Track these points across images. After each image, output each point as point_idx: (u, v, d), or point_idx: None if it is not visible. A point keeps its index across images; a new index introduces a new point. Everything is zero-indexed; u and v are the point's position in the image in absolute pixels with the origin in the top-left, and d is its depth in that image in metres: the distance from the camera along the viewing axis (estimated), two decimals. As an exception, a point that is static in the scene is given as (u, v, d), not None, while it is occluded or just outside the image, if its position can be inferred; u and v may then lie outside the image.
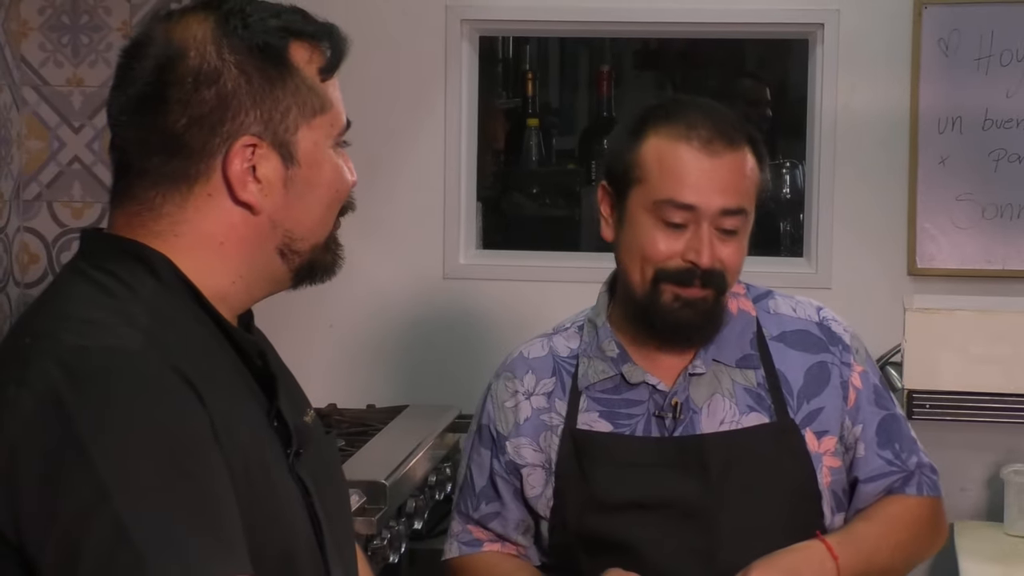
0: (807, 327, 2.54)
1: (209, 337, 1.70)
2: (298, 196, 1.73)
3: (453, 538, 2.64)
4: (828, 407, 2.49)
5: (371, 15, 4.17)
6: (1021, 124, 3.99)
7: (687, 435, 2.45)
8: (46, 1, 3.76)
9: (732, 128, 2.46)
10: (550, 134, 5.84)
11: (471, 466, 2.62)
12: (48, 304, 1.69)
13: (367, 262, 4.22)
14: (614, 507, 2.45)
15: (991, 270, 4.03)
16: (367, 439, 3.61)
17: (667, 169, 2.41)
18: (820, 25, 4.07)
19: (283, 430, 1.75)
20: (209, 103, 1.68)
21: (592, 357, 2.53)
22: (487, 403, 2.62)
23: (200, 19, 1.71)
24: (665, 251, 2.41)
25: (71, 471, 1.51)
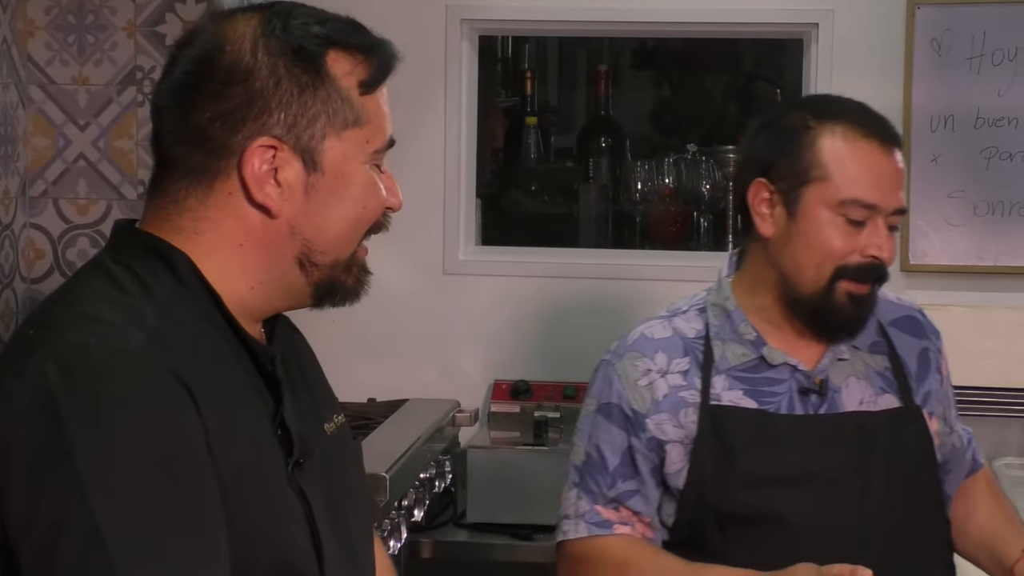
0: (912, 314, 2.66)
1: (221, 340, 1.70)
2: (320, 204, 1.72)
3: (578, 518, 2.59)
4: (933, 390, 2.61)
5: (372, 15, 4.15)
6: (1012, 123, 4.00)
7: (833, 412, 2.52)
8: (52, 1, 3.77)
9: (892, 127, 2.54)
10: (548, 132, 5.84)
11: (599, 445, 2.59)
12: (63, 297, 1.69)
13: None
14: (761, 481, 2.49)
15: (983, 266, 4.05)
16: (368, 432, 3.62)
17: (851, 169, 2.45)
18: (815, 25, 4.09)
19: (286, 439, 1.73)
20: (235, 100, 1.67)
21: (727, 341, 2.56)
22: (614, 383, 2.59)
23: (247, 18, 1.71)
24: (845, 248, 2.45)
25: (54, 470, 1.51)
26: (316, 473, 1.77)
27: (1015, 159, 4.01)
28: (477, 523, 3.85)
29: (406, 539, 3.38)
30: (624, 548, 2.56)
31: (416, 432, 3.63)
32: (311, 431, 1.79)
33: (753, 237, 2.55)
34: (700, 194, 4.65)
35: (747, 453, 2.50)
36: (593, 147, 5.15)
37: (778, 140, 2.52)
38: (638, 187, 4.70)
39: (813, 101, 2.59)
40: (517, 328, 4.22)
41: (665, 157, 4.83)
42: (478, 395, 4.19)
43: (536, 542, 3.79)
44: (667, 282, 4.14)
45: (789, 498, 2.47)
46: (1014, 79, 3.99)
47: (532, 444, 3.89)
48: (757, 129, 2.57)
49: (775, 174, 2.50)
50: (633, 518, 2.57)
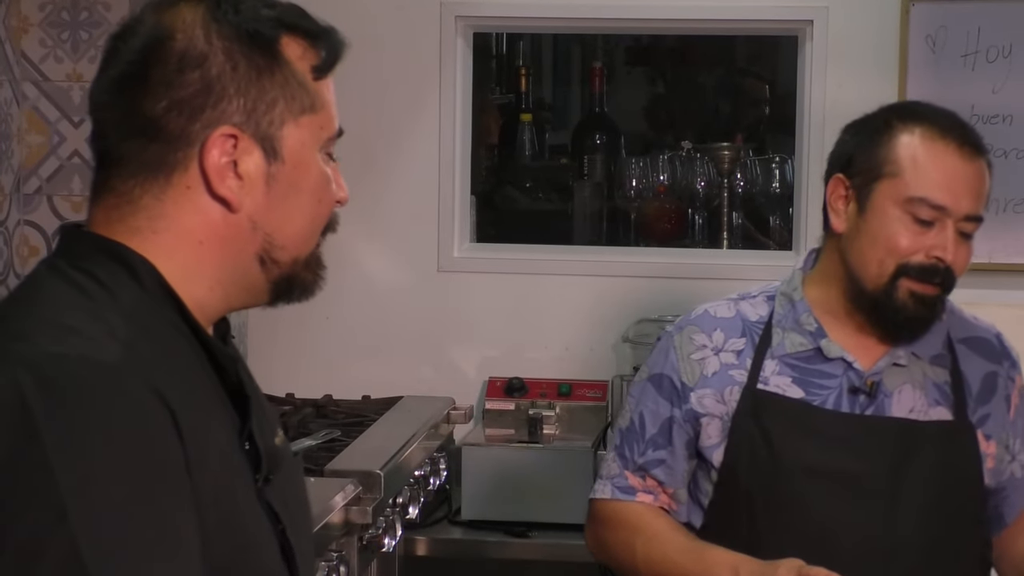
0: (989, 337, 2.64)
1: (188, 350, 1.63)
2: (281, 197, 1.65)
3: (607, 480, 2.66)
4: (995, 414, 2.58)
5: (367, 12, 4.17)
6: (1007, 120, 4.00)
7: (878, 416, 2.51)
8: (46, -2, 3.76)
9: (978, 136, 2.52)
10: (543, 129, 5.84)
11: (643, 413, 2.64)
12: (25, 303, 1.61)
13: (362, 255, 4.22)
14: (794, 470, 2.50)
15: (977, 263, 3.97)
16: (362, 429, 3.62)
17: (924, 167, 2.46)
18: (809, 22, 4.07)
19: (254, 453, 1.68)
20: (192, 86, 1.60)
21: (787, 329, 2.57)
22: (669, 354, 2.64)
23: (192, 5, 1.64)
24: (911, 246, 2.45)
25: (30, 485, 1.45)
26: (281, 488, 1.72)
27: (1010, 156, 4.01)
28: (472, 520, 3.84)
29: (401, 536, 3.38)
30: (639, 515, 2.62)
31: (411, 429, 3.63)
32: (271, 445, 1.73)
33: (829, 233, 2.56)
34: (695, 191, 4.64)
35: (782, 440, 2.52)
36: (588, 144, 5.15)
37: (859, 136, 2.55)
38: (633, 184, 4.68)
39: (903, 103, 2.65)
40: (512, 325, 4.22)
41: (660, 154, 4.84)
42: (473, 392, 4.18)
43: (531, 539, 3.79)
44: (661, 279, 4.15)
45: (821, 492, 2.48)
46: (1009, 76, 3.98)
47: (527, 441, 3.88)
48: (847, 128, 2.60)
49: (853, 169, 2.52)
50: (657, 488, 2.62)
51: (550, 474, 3.80)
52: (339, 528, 3.05)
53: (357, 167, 4.17)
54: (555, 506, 3.79)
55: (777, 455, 2.50)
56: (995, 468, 2.57)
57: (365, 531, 3.16)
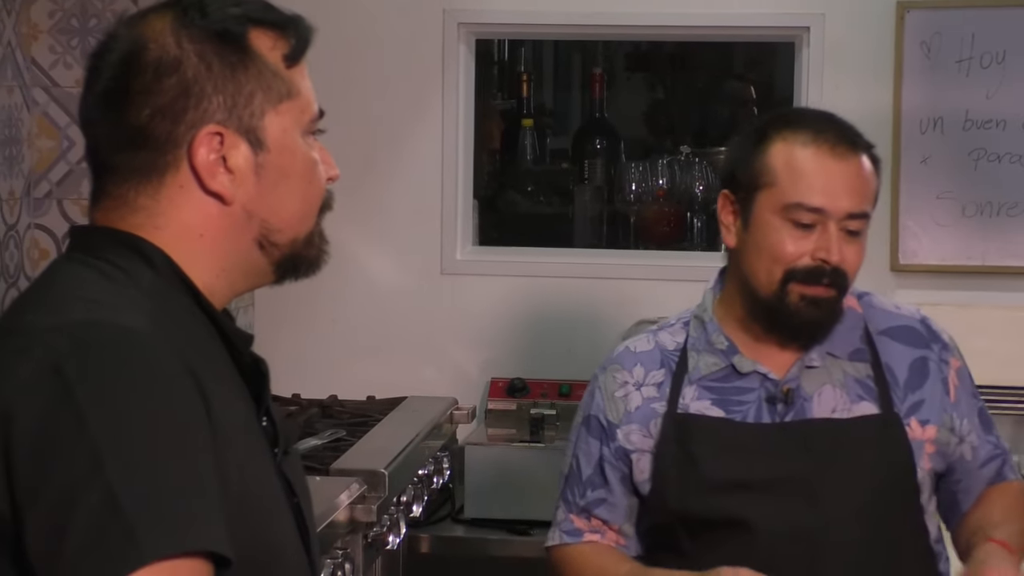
0: (912, 324, 2.60)
1: (203, 331, 1.67)
2: (271, 184, 1.69)
3: (556, 526, 2.68)
4: (929, 399, 2.54)
5: (371, 19, 4.18)
6: (1001, 124, 4.00)
7: (798, 420, 2.50)
8: (56, 5, 3.76)
9: (854, 133, 2.51)
10: (544, 134, 5.84)
11: (578, 455, 2.66)
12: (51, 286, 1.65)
13: (367, 258, 4.24)
14: (721, 487, 2.49)
15: (971, 266, 4.05)
16: (367, 429, 3.62)
17: (796, 173, 2.45)
18: (806, 28, 4.08)
19: (271, 429, 1.72)
20: (171, 92, 1.63)
21: (701, 351, 2.57)
22: (595, 395, 2.65)
23: (160, 15, 1.67)
24: (795, 251, 2.45)
25: (66, 438, 1.47)
26: (293, 463, 1.77)
27: (1003, 160, 4.01)
28: (474, 519, 3.85)
29: (405, 534, 3.38)
30: (584, 556, 2.63)
31: (415, 429, 3.63)
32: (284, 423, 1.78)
33: (726, 249, 2.57)
34: (693, 195, 4.65)
35: (707, 459, 2.51)
36: (588, 149, 5.15)
37: (738, 151, 2.55)
38: (632, 188, 4.70)
39: (778, 112, 2.62)
40: (514, 327, 4.22)
41: (659, 158, 4.84)
42: (475, 393, 4.19)
43: (532, 537, 3.78)
44: (660, 282, 4.15)
45: (752, 503, 2.47)
46: (1002, 81, 3.98)
47: (528, 441, 3.89)
48: (728, 143, 2.61)
49: (735, 184, 2.52)
50: (603, 527, 2.63)
51: (551, 473, 3.78)
52: (344, 526, 3.06)
53: (362, 171, 4.19)
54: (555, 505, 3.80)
55: (703, 474, 2.50)
56: (938, 452, 2.54)
57: (370, 529, 3.17)
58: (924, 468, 2.52)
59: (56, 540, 1.45)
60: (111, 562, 1.43)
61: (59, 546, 1.45)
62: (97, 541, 1.44)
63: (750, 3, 4.11)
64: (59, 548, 1.45)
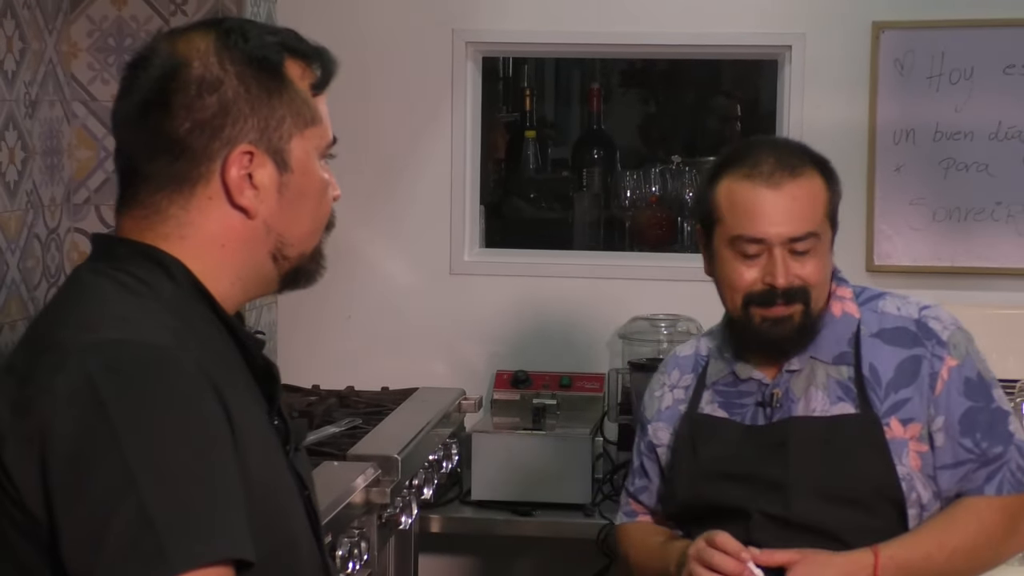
0: (905, 324, 2.54)
1: (219, 337, 1.68)
2: (290, 202, 1.70)
3: (620, 508, 2.79)
4: (915, 397, 2.49)
5: (387, 39, 4.18)
6: (968, 136, 4.00)
7: (781, 420, 2.52)
8: (94, 25, 3.76)
9: (794, 158, 2.49)
10: (546, 145, 5.84)
11: (634, 448, 2.75)
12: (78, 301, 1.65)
13: (381, 260, 4.24)
14: (715, 477, 2.54)
15: (941, 267, 4.04)
16: (382, 418, 3.62)
17: (736, 207, 2.46)
18: (788, 47, 4.08)
19: (282, 427, 1.73)
20: (211, 108, 1.64)
21: (716, 358, 2.63)
22: (646, 393, 2.73)
23: (203, 34, 1.68)
24: (747, 279, 2.47)
25: (100, 455, 1.47)
26: (302, 459, 1.78)
27: (970, 169, 4.01)
28: (481, 500, 3.85)
29: (417, 515, 3.38)
30: (632, 532, 2.74)
31: (425, 418, 3.63)
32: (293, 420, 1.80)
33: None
34: (684, 201, 4.65)
35: (708, 453, 2.56)
36: (586, 158, 5.15)
37: (699, 188, 2.62)
38: (627, 195, 4.70)
39: (733, 148, 2.60)
40: (517, 323, 4.22)
41: (652, 167, 4.83)
42: (482, 384, 4.19)
43: (534, 518, 3.80)
44: (653, 281, 4.16)
45: (742, 492, 2.51)
46: (970, 96, 3.98)
47: (531, 429, 3.89)
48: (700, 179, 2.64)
49: (699, 219, 2.57)
50: (647, 512, 2.73)
51: (552, 459, 3.81)
52: (360, 508, 3.06)
53: (377, 179, 4.20)
54: (557, 488, 3.80)
55: (704, 466, 2.56)
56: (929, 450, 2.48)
57: (384, 510, 3.17)
58: (909, 465, 2.47)
59: (91, 551, 1.46)
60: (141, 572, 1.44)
61: (94, 556, 1.46)
62: (129, 553, 1.44)
63: (736, 23, 4.10)
64: (94, 558, 1.46)
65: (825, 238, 2.50)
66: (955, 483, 2.49)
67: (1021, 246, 4.01)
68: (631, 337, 4.00)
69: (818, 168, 2.51)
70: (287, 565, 1.65)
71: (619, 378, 3.98)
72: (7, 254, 3.47)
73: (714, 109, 5.87)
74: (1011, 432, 2.51)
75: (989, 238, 4.02)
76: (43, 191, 3.61)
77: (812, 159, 2.52)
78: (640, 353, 3.93)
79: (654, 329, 4.00)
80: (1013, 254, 4.02)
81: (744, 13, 4.09)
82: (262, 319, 4.08)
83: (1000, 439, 2.50)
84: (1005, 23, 3.97)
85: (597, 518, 3.72)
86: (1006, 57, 3.97)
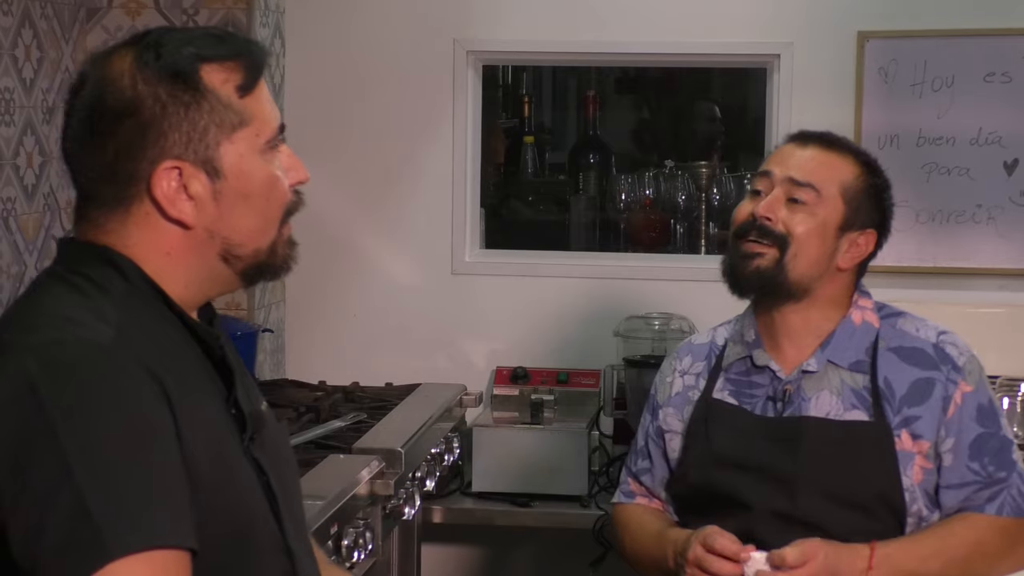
0: (923, 347, 2.50)
1: (174, 332, 1.66)
2: (230, 207, 1.66)
3: (618, 487, 2.73)
4: (927, 416, 2.44)
5: (390, 49, 4.17)
6: (950, 141, 3.99)
7: (794, 416, 2.47)
8: (108, 35, 3.75)
9: (836, 137, 2.54)
10: (544, 150, 5.84)
11: (639, 427, 2.70)
12: (28, 304, 1.65)
13: (385, 260, 4.23)
14: (725, 464, 2.49)
15: (924, 267, 4.03)
16: (386, 412, 3.61)
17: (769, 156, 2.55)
18: (776, 56, 4.07)
19: (239, 417, 1.71)
20: (129, 132, 1.62)
21: (735, 341, 2.58)
22: (657, 377, 2.69)
23: (122, 55, 1.65)
24: (744, 212, 2.50)
25: (40, 450, 1.48)
26: (265, 446, 1.74)
27: (952, 173, 4.00)
28: (481, 492, 3.83)
29: (420, 506, 3.38)
30: (629, 514, 2.67)
31: (428, 412, 3.62)
32: (255, 409, 1.76)
33: None
34: (676, 204, 4.63)
35: (720, 439, 2.52)
36: (582, 162, 5.15)
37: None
38: (622, 197, 4.68)
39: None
40: (516, 321, 4.21)
41: (645, 171, 4.83)
42: (482, 380, 4.18)
43: (532, 508, 3.78)
44: (647, 281, 4.15)
45: (748, 483, 2.46)
46: (952, 103, 3.97)
47: (529, 423, 3.87)
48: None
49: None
50: (647, 493, 2.66)
51: (550, 452, 3.80)
52: (365, 499, 3.05)
53: (382, 183, 4.18)
54: (554, 480, 3.78)
55: (716, 452, 2.51)
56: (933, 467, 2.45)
57: (388, 501, 3.16)
58: (912, 478, 2.44)
59: (34, 541, 1.46)
60: (81, 560, 1.44)
61: (36, 546, 1.46)
62: (68, 542, 1.45)
63: (727, 34, 4.09)
64: (37, 548, 1.46)
65: (829, 208, 2.47)
66: (958, 502, 2.46)
67: (1000, 247, 4.00)
68: (626, 334, 3.98)
69: (858, 158, 2.52)
70: (241, 549, 1.64)
71: (614, 374, 3.96)
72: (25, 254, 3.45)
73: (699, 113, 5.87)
74: (1014, 460, 2.49)
75: (970, 239, 4.01)
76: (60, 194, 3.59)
77: (856, 151, 2.55)
78: (635, 350, 3.91)
79: (648, 327, 3.98)
80: (993, 255, 4.00)
81: (735, 24, 4.08)
82: (271, 317, 4.07)
83: (1005, 465, 2.47)
84: (985, 33, 3.96)
85: (593, 509, 3.70)
86: (986, 65, 3.96)
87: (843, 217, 2.47)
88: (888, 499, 2.44)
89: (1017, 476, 2.48)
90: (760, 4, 4.07)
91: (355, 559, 2.87)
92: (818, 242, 2.46)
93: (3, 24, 3.33)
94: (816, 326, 2.50)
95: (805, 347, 2.50)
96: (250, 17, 3.80)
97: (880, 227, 2.55)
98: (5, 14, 3.33)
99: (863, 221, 2.50)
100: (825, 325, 2.51)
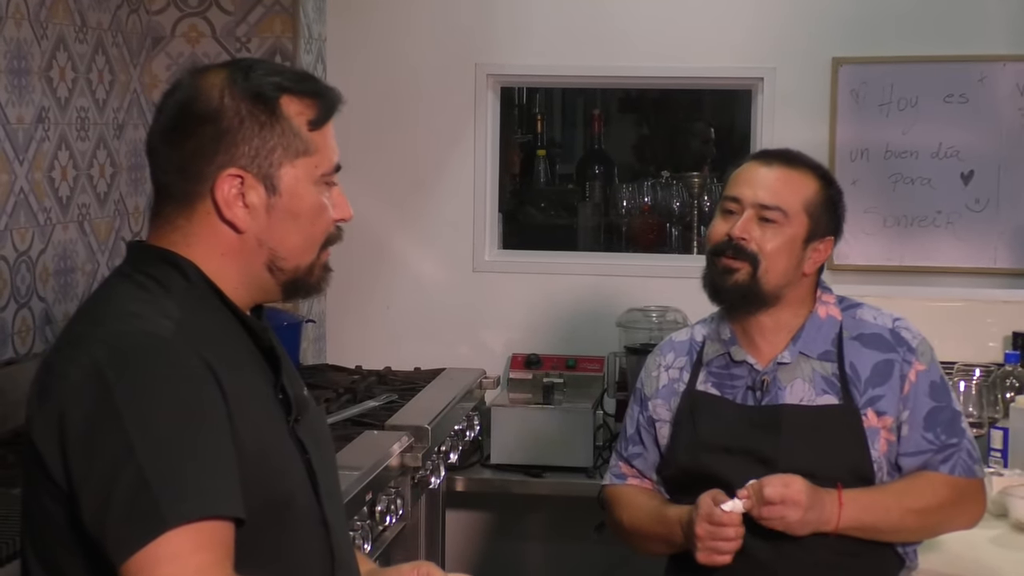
0: (881, 332, 2.51)
1: (228, 325, 1.68)
2: (280, 221, 1.67)
3: (609, 470, 2.67)
4: (888, 394, 2.46)
5: (419, 72, 4.19)
6: (913, 155, 4.00)
7: (771, 404, 2.47)
8: (171, 60, 3.78)
9: (797, 158, 2.51)
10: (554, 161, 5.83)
11: (627, 417, 2.66)
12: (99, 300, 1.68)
13: (414, 259, 4.24)
14: (711, 448, 2.48)
15: (891, 265, 4.04)
16: (414, 394, 3.62)
17: (734, 177, 2.51)
18: (760, 79, 4.08)
19: (285, 400, 1.72)
20: (208, 136, 1.64)
21: (713, 340, 2.56)
22: (642, 371, 2.66)
23: (217, 71, 1.68)
24: (719, 232, 2.48)
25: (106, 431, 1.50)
26: (308, 427, 1.75)
27: (916, 183, 4.01)
28: (499, 464, 3.86)
29: (444, 476, 3.38)
30: (624, 494, 2.62)
31: (452, 394, 3.63)
32: (299, 393, 1.77)
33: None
34: (671, 209, 4.64)
35: (705, 426, 2.51)
36: (589, 173, 5.15)
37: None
38: (624, 204, 4.70)
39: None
40: (530, 313, 4.22)
41: (645, 181, 4.83)
42: (500, 365, 4.19)
43: (544, 479, 3.80)
44: (646, 278, 4.16)
45: (733, 465, 2.44)
46: (915, 121, 3.98)
47: (542, 403, 3.89)
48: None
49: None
50: (639, 475, 2.62)
51: (559, 429, 3.81)
52: (396, 470, 3.06)
53: (411, 191, 4.20)
54: (563, 453, 3.80)
55: (703, 438, 2.50)
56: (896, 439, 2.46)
57: (416, 472, 3.17)
58: (879, 451, 2.45)
59: (101, 512, 1.49)
60: (142, 529, 1.47)
61: (104, 517, 1.49)
62: (130, 512, 1.47)
63: (716, 59, 4.10)
64: (104, 518, 1.49)
65: (795, 225, 2.46)
66: (915, 468, 2.48)
67: (958, 248, 4.01)
68: (627, 325, 4.00)
69: (815, 173, 2.50)
70: (281, 518, 1.65)
71: (617, 360, 3.98)
72: (98, 254, 3.48)
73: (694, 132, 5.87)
74: (964, 428, 2.51)
75: (931, 241, 4.02)
76: (128, 201, 3.62)
77: (814, 166, 2.52)
78: (635, 339, 3.93)
79: (646, 318, 4.00)
80: (951, 255, 4.02)
81: (723, 50, 4.09)
82: (314, 309, 4.09)
83: (956, 433, 2.49)
84: (945, 59, 3.97)
85: (597, 479, 3.70)
86: (946, 88, 3.97)
87: (807, 230, 2.47)
88: (859, 471, 2.44)
89: (967, 442, 2.50)
90: (746, 33, 4.08)
91: (387, 523, 2.89)
92: (787, 256, 2.46)
93: (80, 51, 3.36)
94: (786, 323, 2.50)
95: (778, 342, 2.50)
96: (296, 45, 3.82)
97: (835, 232, 2.54)
98: (81, 42, 3.36)
99: (823, 230, 2.50)
100: (794, 321, 2.51)
